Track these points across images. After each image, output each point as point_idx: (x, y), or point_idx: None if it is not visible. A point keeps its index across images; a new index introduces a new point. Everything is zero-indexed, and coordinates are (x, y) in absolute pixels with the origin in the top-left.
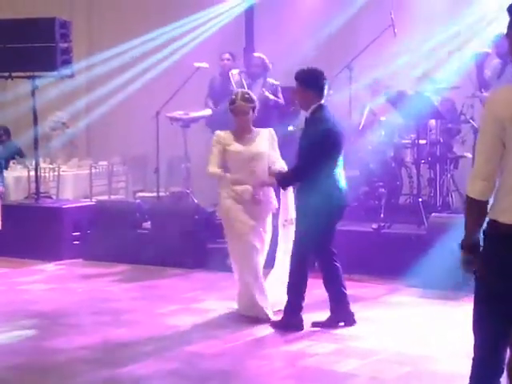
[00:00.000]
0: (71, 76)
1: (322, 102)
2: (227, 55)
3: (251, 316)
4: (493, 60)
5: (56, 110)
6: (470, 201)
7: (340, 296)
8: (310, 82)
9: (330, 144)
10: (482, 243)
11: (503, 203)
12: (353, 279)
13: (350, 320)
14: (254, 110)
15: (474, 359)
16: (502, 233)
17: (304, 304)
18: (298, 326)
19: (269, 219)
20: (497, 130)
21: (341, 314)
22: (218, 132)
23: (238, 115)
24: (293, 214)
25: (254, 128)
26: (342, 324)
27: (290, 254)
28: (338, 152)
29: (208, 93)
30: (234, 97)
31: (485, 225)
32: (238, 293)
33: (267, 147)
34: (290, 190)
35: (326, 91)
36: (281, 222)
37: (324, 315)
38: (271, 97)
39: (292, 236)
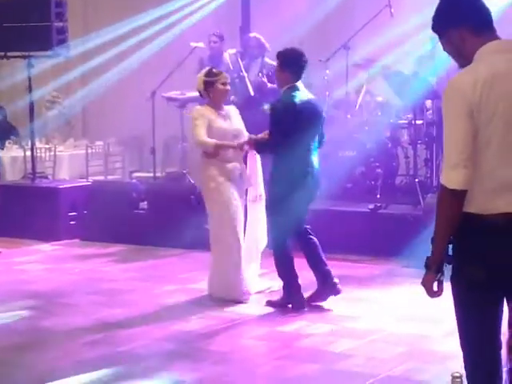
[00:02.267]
0: (67, 56)
1: (297, 83)
2: (214, 37)
3: (226, 299)
4: None
5: (51, 90)
6: (451, 193)
7: (323, 268)
8: (288, 62)
9: (291, 116)
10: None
11: (471, 194)
12: (349, 259)
13: (334, 290)
14: None
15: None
16: (471, 224)
17: (300, 282)
18: (300, 304)
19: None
20: (466, 115)
21: (327, 287)
22: (198, 107)
23: (222, 88)
24: (262, 191)
25: None
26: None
27: (262, 231)
28: (304, 127)
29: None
30: (214, 70)
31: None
32: (215, 275)
33: (242, 124)
34: (259, 166)
35: (303, 73)
36: (251, 198)
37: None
38: (269, 85)
39: (261, 212)
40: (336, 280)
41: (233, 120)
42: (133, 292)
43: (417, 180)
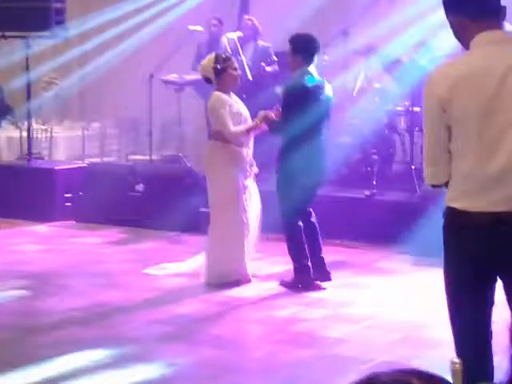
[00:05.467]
0: (65, 37)
1: (310, 68)
2: (214, 21)
3: (227, 281)
4: None
5: (49, 72)
6: (432, 186)
7: (318, 254)
8: (300, 46)
9: (303, 99)
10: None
11: (458, 190)
12: (344, 245)
13: (326, 277)
14: None
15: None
16: (458, 220)
17: (310, 263)
18: (308, 286)
19: None
20: (439, 111)
21: (317, 271)
22: (217, 93)
23: (234, 73)
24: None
25: None
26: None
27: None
28: (314, 110)
29: (195, 58)
30: (224, 55)
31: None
32: (215, 261)
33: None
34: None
35: (315, 58)
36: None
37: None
38: (268, 68)
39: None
40: (328, 268)
41: (241, 104)
42: (128, 274)
43: (413, 167)
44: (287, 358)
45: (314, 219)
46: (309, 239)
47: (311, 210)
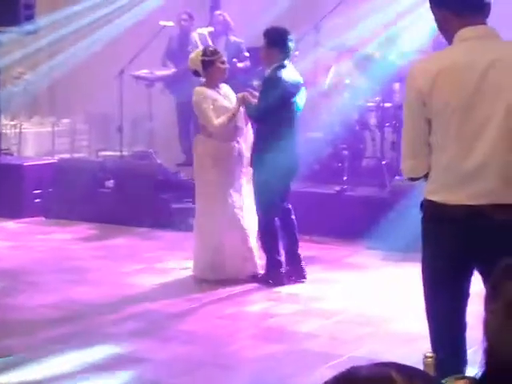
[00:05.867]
0: (34, 32)
1: (286, 62)
2: (184, 16)
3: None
4: None
5: (18, 67)
6: (410, 179)
7: (295, 251)
8: (275, 40)
9: (278, 93)
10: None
11: (437, 183)
12: (314, 241)
13: (301, 275)
14: None
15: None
16: (436, 213)
17: (282, 259)
18: (279, 281)
19: None
20: (419, 104)
21: (292, 269)
22: (198, 88)
23: (222, 66)
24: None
25: None
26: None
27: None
28: (289, 105)
29: (165, 53)
30: (212, 49)
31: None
32: (200, 256)
33: None
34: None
35: (291, 52)
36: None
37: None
38: (240, 64)
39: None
40: (304, 265)
41: (230, 98)
42: (99, 270)
43: (384, 162)
44: (258, 353)
45: (293, 216)
46: (287, 237)
47: (290, 206)
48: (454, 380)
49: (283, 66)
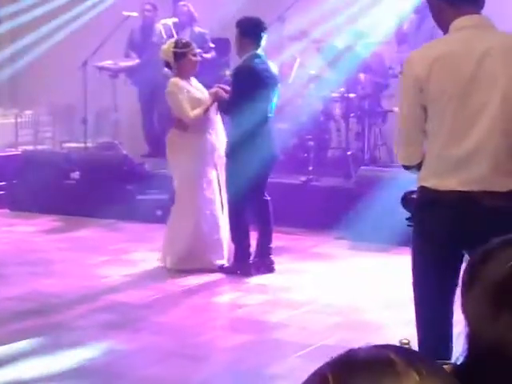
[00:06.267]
0: None
1: (258, 51)
2: (148, 6)
3: (192, 268)
4: (410, 14)
5: None
6: (404, 167)
7: (267, 245)
8: (247, 30)
9: (252, 82)
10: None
11: (430, 169)
12: (281, 231)
13: (269, 269)
14: None
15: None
16: (429, 199)
17: (251, 250)
18: (247, 272)
19: None
20: (416, 91)
21: (262, 261)
22: (174, 80)
23: (194, 58)
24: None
25: None
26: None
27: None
28: (263, 94)
29: (128, 44)
30: (184, 41)
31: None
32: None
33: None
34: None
35: (263, 41)
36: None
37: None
38: (205, 55)
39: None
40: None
41: (202, 90)
42: (65, 262)
43: (349, 153)
44: (228, 343)
45: (270, 209)
46: (260, 228)
47: (269, 199)
48: None
49: (256, 56)
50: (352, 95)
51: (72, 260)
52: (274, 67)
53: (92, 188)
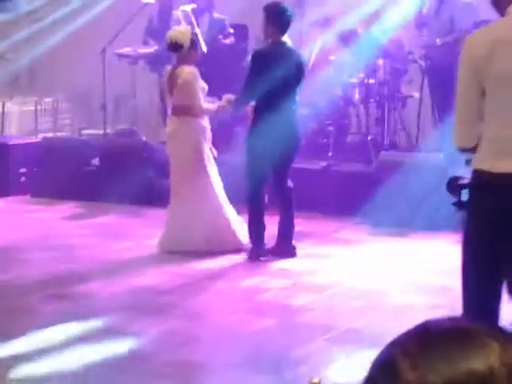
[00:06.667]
0: (16, 11)
1: (283, 39)
2: None
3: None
4: None
5: None
6: (460, 150)
7: (290, 229)
8: (272, 17)
9: (263, 66)
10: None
11: (485, 151)
12: (301, 216)
13: (292, 253)
14: None
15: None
16: (485, 181)
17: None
18: (256, 255)
19: None
20: (473, 71)
21: (283, 246)
22: (191, 68)
23: (198, 52)
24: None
25: None
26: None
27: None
28: (283, 80)
29: (146, 31)
30: (193, 31)
31: (470, 176)
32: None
33: None
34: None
35: (288, 28)
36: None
37: None
38: (226, 41)
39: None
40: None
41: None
42: (88, 248)
43: (369, 138)
44: (253, 327)
45: (292, 195)
46: (282, 214)
47: (291, 185)
48: None
49: (278, 43)
50: (371, 80)
51: (94, 245)
52: (298, 55)
53: (112, 174)
